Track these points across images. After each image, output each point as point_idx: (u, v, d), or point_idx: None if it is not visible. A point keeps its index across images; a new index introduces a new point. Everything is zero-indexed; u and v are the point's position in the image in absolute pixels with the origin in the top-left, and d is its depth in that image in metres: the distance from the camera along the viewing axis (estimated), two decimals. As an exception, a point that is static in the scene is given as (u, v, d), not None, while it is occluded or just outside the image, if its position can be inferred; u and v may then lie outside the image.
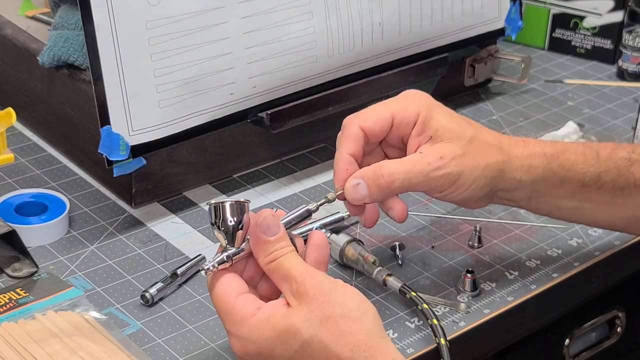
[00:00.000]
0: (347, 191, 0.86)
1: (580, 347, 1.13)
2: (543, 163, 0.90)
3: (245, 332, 0.76)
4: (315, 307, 0.74)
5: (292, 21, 1.05)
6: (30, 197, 1.03)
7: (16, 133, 1.17)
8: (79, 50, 1.04)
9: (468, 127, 0.89)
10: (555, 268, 1.00)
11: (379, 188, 0.86)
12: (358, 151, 0.88)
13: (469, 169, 0.87)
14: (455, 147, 0.87)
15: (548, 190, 0.91)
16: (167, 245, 1.01)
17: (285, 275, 0.77)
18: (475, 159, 0.87)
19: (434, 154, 0.86)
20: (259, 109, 1.06)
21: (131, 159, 0.98)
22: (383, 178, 0.85)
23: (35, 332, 0.86)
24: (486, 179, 0.88)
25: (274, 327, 0.75)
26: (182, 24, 0.98)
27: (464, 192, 0.88)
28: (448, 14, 1.19)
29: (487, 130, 0.91)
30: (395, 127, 0.88)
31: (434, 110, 0.88)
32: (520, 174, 0.90)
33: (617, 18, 1.39)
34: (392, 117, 0.88)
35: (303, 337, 0.74)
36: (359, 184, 0.86)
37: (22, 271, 0.95)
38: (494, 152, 0.89)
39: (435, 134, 0.87)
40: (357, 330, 0.74)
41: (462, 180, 0.87)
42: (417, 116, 0.88)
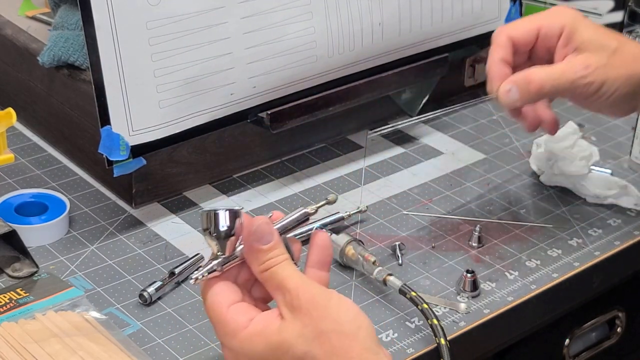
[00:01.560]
0: (501, 95, 0.94)
1: (580, 347, 1.13)
2: None
3: (237, 345, 0.75)
4: (309, 322, 0.73)
5: (292, 21, 1.05)
6: (30, 197, 1.03)
7: (16, 133, 1.17)
8: (79, 50, 1.04)
9: (613, 39, 0.94)
10: (555, 268, 1.00)
11: (529, 93, 0.93)
12: (508, 56, 0.96)
13: (612, 78, 0.93)
14: (599, 57, 0.93)
15: None
16: (167, 245, 1.01)
17: (279, 285, 0.75)
18: (619, 69, 0.93)
19: (580, 63, 0.93)
20: (259, 109, 1.06)
21: (131, 159, 0.98)
22: (533, 84, 0.93)
23: (36, 332, 0.86)
24: (629, 87, 0.94)
25: (267, 341, 0.74)
26: (182, 24, 0.98)
27: (608, 100, 0.94)
28: (448, 14, 1.19)
29: (632, 42, 0.96)
30: (541, 38, 0.96)
31: (579, 23, 0.95)
32: None
33: (617, 18, 1.39)
34: (538, 28, 0.96)
35: (296, 353, 0.73)
36: (511, 89, 0.93)
37: (23, 271, 0.95)
38: (637, 63, 0.94)
39: (581, 46, 0.94)
40: (350, 346, 0.73)
41: (605, 89, 0.93)
42: (562, 29, 0.95)
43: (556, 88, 0.93)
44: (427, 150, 1.19)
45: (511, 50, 0.96)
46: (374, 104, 1.18)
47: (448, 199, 1.10)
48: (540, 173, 1.13)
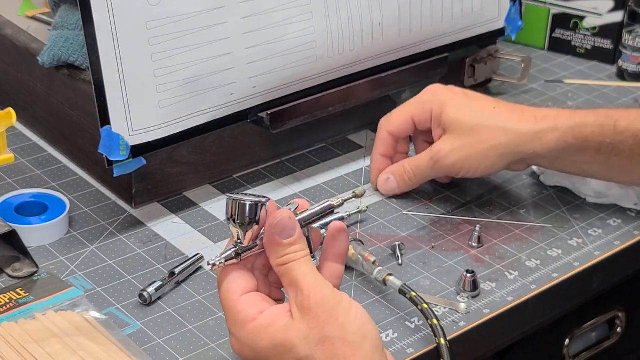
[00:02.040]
0: (380, 184, 1.07)
1: (580, 347, 1.13)
2: (556, 137, 0.98)
3: (243, 335, 0.76)
4: (315, 325, 0.73)
5: (292, 21, 1.05)
6: (30, 197, 1.03)
7: (16, 133, 1.17)
8: (79, 50, 1.04)
9: (474, 116, 1.01)
10: (555, 268, 1.00)
11: (404, 182, 1.06)
12: (388, 151, 1.07)
13: (472, 155, 1.00)
14: (455, 138, 1.01)
15: (567, 157, 1.00)
16: (167, 246, 1.01)
17: (293, 282, 0.76)
18: (476, 146, 1.00)
19: (436, 148, 1.02)
20: (259, 109, 1.06)
21: (131, 159, 0.98)
22: (406, 174, 1.05)
23: (36, 332, 0.86)
24: (495, 157, 1.00)
25: (272, 337, 0.74)
26: (182, 24, 0.98)
27: (478, 172, 1.02)
28: (448, 14, 1.19)
29: (499, 113, 1.01)
30: (417, 124, 1.05)
31: (446, 104, 1.02)
32: (533, 147, 0.99)
33: (617, 18, 1.39)
34: (412, 118, 1.05)
35: (299, 354, 0.73)
36: (389, 178, 1.07)
37: (22, 271, 0.95)
38: (498, 135, 1.00)
39: (445, 127, 1.02)
40: (353, 356, 0.73)
41: (468, 165, 1.01)
42: (430, 113, 1.03)
43: (423, 176, 1.05)
44: (427, 150, 1.19)
45: (392, 144, 1.07)
46: (374, 104, 1.18)
47: (448, 199, 1.10)
48: (540, 173, 1.13)
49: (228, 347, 0.87)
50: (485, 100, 1.04)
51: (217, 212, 1.06)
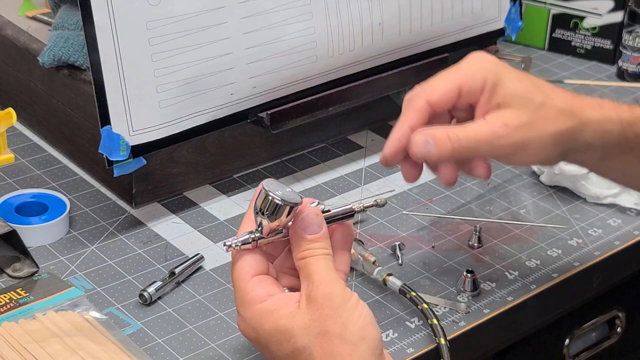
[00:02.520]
0: (416, 145, 0.84)
1: (580, 347, 1.13)
2: (618, 129, 0.87)
3: (249, 315, 0.76)
4: (318, 317, 0.74)
5: (292, 21, 1.05)
6: (30, 197, 1.03)
7: (16, 133, 1.17)
8: (79, 50, 1.04)
9: (537, 92, 0.86)
10: (555, 268, 1.00)
11: (445, 151, 0.84)
12: (420, 125, 0.86)
13: (536, 137, 0.85)
14: (521, 115, 0.85)
15: (618, 155, 0.89)
16: (167, 245, 1.01)
17: (307, 275, 0.76)
18: (543, 127, 0.85)
19: (499, 122, 0.85)
20: (259, 109, 1.06)
21: (131, 159, 0.98)
22: (450, 142, 0.84)
23: (36, 332, 0.86)
24: (555, 144, 0.86)
25: (275, 323, 0.75)
26: (182, 24, 0.98)
27: (531, 158, 0.87)
28: (448, 14, 1.19)
29: (560, 93, 0.88)
30: (463, 96, 0.87)
31: (502, 75, 0.86)
32: (593, 138, 0.87)
33: (617, 18, 1.39)
34: (459, 87, 0.86)
35: (296, 344, 0.74)
36: (429, 142, 0.84)
37: (23, 271, 0.95)
38: (564, 119, 0.86)
39: (503, 101, 0.85)
40: (348, 355, 0.73)
41: (528, 148, 0.85)
42: (484, 83, 0.86)
43: (475, 150, 0.85)
44: (427, 150, 1.19)
45: (427, 116, 0.86)
46: (374, 104, 1.18)
47: (448, 199, 1.10)
48: (540, 173, 1.13)
49: (228, 347, 0.87)
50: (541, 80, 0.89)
51: (217, 212, 1.06)
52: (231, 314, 0.92)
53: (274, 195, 0.76)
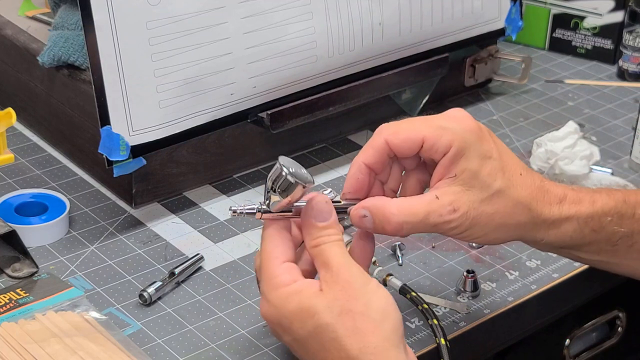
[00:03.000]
0: (353, 218, 0.82)
1: (580, 347, 1.13)
2: (573, 227, 0.84)
3: (274, 298, 0.77)
4: (341, 297, 0.75)
5: (292, 21, 1.05)
6: (30, 197, 1.03)
7: (16, 133, 1.17)
8: (79, 50, 1.04)
9: (500, 177, 0.81)
10: (555, 268, 1.00)
11: (383, 230, 0.81)
12: (376, 163, 0.83)
13: (484, 225, 0.81)
14: (473, 199, 0.80)
15: (573, 248, 0.86)
16: (167, 246, 1.01)
17: (325, 262, 0.77)
18: (493, 216, 0.81)
19: (447, 203, 0.79)
20: (259, 109, 1.06)
21: (131, 159, 0.98)
22: (390, 225, 0.80)
23: (36, 332, 0.86)
24: (504, 233, 0.82)
25: (299, 302, 0.76)
26: (182, 24, 0.98)
27: (480, 240, 0.83)
28: (448, 14, 1.19)
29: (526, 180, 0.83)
30: (424, 150, 0.82)
31: (470, 146, 0.81)
32: (545, 236, 0.84)
33: (617, 18, 1.39)
34: (422, 141, 0.81)
35: (319, 321, 0.75)
36: (366, 217, 0.81)
37: (22, 271, 0.95)
38: (518, 212, 0.82)
39: (461, 176, 0.80)
40: (372, 332, 0.74)
41: (473, 232, 0.81)
42: (448, 148, 0.80)
43: (416, 230, 0.81)
44: (427, 150, 1.19)
45: (385, 155, 0.82)
46: (374, 104, 1.18)
47: (448, 199, 1.10)
48: (540, 173, 1.13)
49: (228, 347, 0.87)
50: (513, 159, 0.83)
51: (217, 212, 1.06)
52: (231, 314, 0.92)
53: (288, 172, 0.77)
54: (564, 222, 0.84)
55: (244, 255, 1.00)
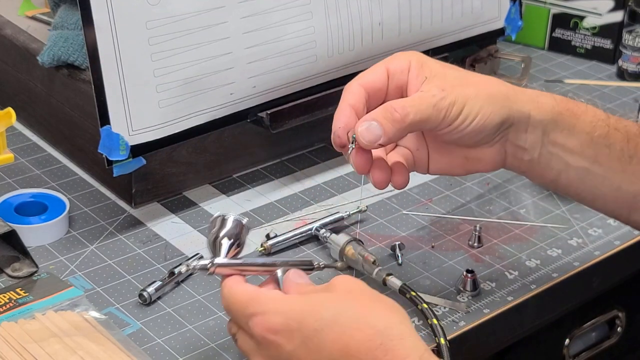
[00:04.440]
0: (361, 135, 0.82)
1: (580, 347, 1.13)
2: (551, 103, 0.87)
3: (271, 307, 0.76)
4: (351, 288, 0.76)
5: (292, 21, 1.05)
6: (30, 197, 1.03)
7: (16, 133, 1.17)
8: (79, 50, 1.04)
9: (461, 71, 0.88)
10: (555, 268, 1.00)
11: (393, 123, 0.82)
12: (359, 103, 0.85)
13: (472, 96, 0.84)
14: (452, 80, 0.85)
15: (558, 137, 0.87)
16: (167, 245, 1.01)
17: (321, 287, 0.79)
18: (477, 88, 0.85)
19: (435, 87, 0.84)
20: (259, 109, 1.06)
21: (131, 159, 0.98)
22: (397, 112, 0.82)
23: (35, 332, 0.86)
24: (493, 107, 0.85)
25: (306, 299, 0.76)
26: (182, 23, 0.98)
27: (474, 123, 0.84)
28: (448, 14, 1.19)
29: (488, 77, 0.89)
30: (391, 77, 0.86)
31: (425, 58, 0.87)
32: (529, 108, 0.86)
33: (617, 18, 1.39)
34: (386, 69, 0.87)
35: (337, 308, 0.74)
36: (372, 124, 0.82)
37: (22, 271, 0.95)
38: (497, 84, 0.87)
39: (431, 74, 0.85)
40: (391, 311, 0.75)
41: (468, 108, 0.84)
42: (409, 63, 0.86)
43: (421, 114, 0.82)
44: (427, 150, 1.19)
45: (364, 97, 0.86)
46: (373, 104, 1.18)
47: (448, 199, 1.10)
48: (540, 173, 1.13)
49: (228, 347, 0.87)
50: None
51: (216, 212, 1.06)
52: (231, 313, 0.92)
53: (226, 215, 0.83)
54: (540, 96, 0.88)
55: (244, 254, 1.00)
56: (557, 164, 0.89)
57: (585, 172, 0.89)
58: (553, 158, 0.88)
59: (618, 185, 0.89)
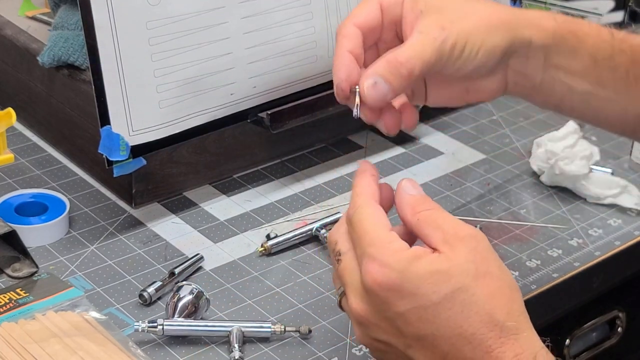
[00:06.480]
0: (367, 93, 0.78)
1: (580, 347, 1.13)
2: (553, 26, 0.84)
3: (393, 261, 0.70)
4: (473, 259, 0.70)
5: (292, 21, 1.05)
6: (30, 197, 1.03)
7: (16, 133, 1.17)
8: (79, 50, 1.04)
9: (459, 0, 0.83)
10: (555, 268, 1.00)
11: (401, 79, 0.78)
12: (357, 48, 0.80)
13: (473, 30, 0.81)
14: (450, 14, 0.81)
15: (561, 61, 0.84)
16: (167, 246, 1.01)
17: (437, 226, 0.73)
18: (477, 19, 0.81)
19: (433, 28, 0.79)
20: (259, 109, 1.06)
21: (131, 159, 0.98)
22: (404, 66, 0.77)
23: (36, 332, 0.86)
24: (494, 38, 0.82)
25: (428, 265, 0.70)
26: (182, 24, 0.98)
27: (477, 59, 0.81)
28: (448, 14, 1.19)
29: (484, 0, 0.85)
30: (385, 12, 0.82)
31: None
32: (530, 33, 0.83)
33: (617, 18, 1.39)
34: (379, 3, 0.82)
35: (457, 284, 0.69)
36: (377, 81, 0.77)
37: (22, 271, 0.95)
38: (496, 11, 0.83)
39: (426, 7, 0.81)
40: (513, 298, 0.71)
41: (470, 45, 0.80)
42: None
43: (427, 62, 0.78)
44: (427, 150, 1.19)
45: (361, 39, 0.81)
46: (374, 104, 1.18)
47: (448, 199, 1.10)
48: (540, 173, 1.13)
49: (228, 348, 0.87)
50: None
51: (217, 212, 1.06)
52: (231, 314, 0.92)
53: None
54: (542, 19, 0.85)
55: (244, 255, 1.00)
56: (560, 88, 0.86)
57: (589, 95, 0.85)
58: (556, 82, 0.85)
59: (623, 107, 0.86)
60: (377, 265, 0.71)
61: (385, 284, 0.70)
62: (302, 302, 0.94)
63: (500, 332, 0.69)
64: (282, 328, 0.88)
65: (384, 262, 0.70)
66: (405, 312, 0.70)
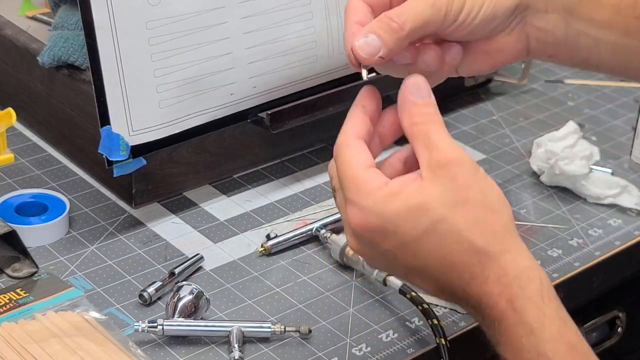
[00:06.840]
0: (360, 48, 0.76)
1: (580, 347, 1.13)
2: None
3: (370, 203, 0.70)
4: (453, 187, 0.69)
5: (292, 21, 1.05)
6: (30, 198, 1.03)
7: (16, 133, 1.17)
8: (79, 50, 1.04)
9: None
10: (555, 268, 1.00)
11: (391, 33, 0.75)
12: (366, 18, 0.78)
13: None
14: None
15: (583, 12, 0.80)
16: (167, 246, 1.01)
17: (428, 143, 0.71)
18: None
19: None
20: (259, 109, 1.06)
21: (131, 159, 0.98)
22: (394, 21, 0.75)
23: (36, 332, 0.86)
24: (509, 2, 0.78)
25: (404, 201, 0.69)
26: (182, 24, 0.98)
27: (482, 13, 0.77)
28: (448, 14, 1.19)
29: None
30: None
31: None
32: None
33: None
34: None
35: (435, 216, 0.69)
36: (368, 37, 0.75)
37: (22, 271, 0.95)
38: None
39: None
40: (494, 221, 0.70)
41: (484, 14, 0.77)
42: None
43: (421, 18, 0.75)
44: (427, 150, 1.19)
45: (369, 12, 0.78)
46: (374, 104, 1.18)
47: (448, 199, 1.09)
48: (540, 173, 1.13)
49: (228, 348, 0.87)
50: None
51: (217, 212, 1.06)
52: (231, 314, 0.92)
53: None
54: None
55: (244, 255, 1.00)
56: (585, 42, 0.82)
57: (616, 46, 0.81)
58: (581, 36, 0.81)
59: None
60: (356, 209, 0.71)
61: (366, 227, 0.71)
62: (302, 302, 0.94)
63: (481, 258, 0.70)
64: (282, 328, 0.88)
65: (362, 206, 0.71)
66: (392, 248, 0.71)
